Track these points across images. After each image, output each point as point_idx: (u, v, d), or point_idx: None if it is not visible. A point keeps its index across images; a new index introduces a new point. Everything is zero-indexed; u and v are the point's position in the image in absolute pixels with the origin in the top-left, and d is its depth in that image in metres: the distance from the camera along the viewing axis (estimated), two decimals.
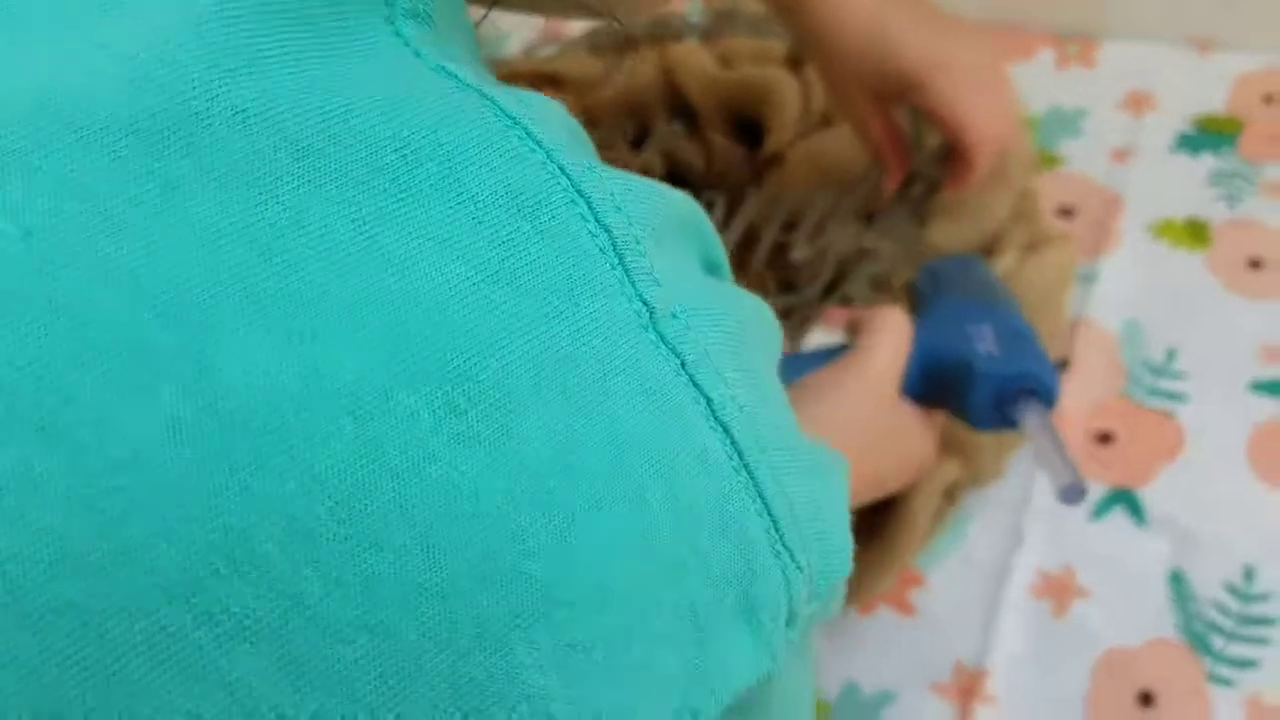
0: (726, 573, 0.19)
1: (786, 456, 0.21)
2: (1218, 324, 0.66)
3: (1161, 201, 0.71)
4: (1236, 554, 0.57)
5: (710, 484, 0.19)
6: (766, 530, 0.19)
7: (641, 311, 0.19)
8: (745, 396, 0.20)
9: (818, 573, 0.20)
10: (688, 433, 0.19)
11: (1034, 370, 0.49)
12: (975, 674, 0.56)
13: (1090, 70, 0.80)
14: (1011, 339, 0.50)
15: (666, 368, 0.19)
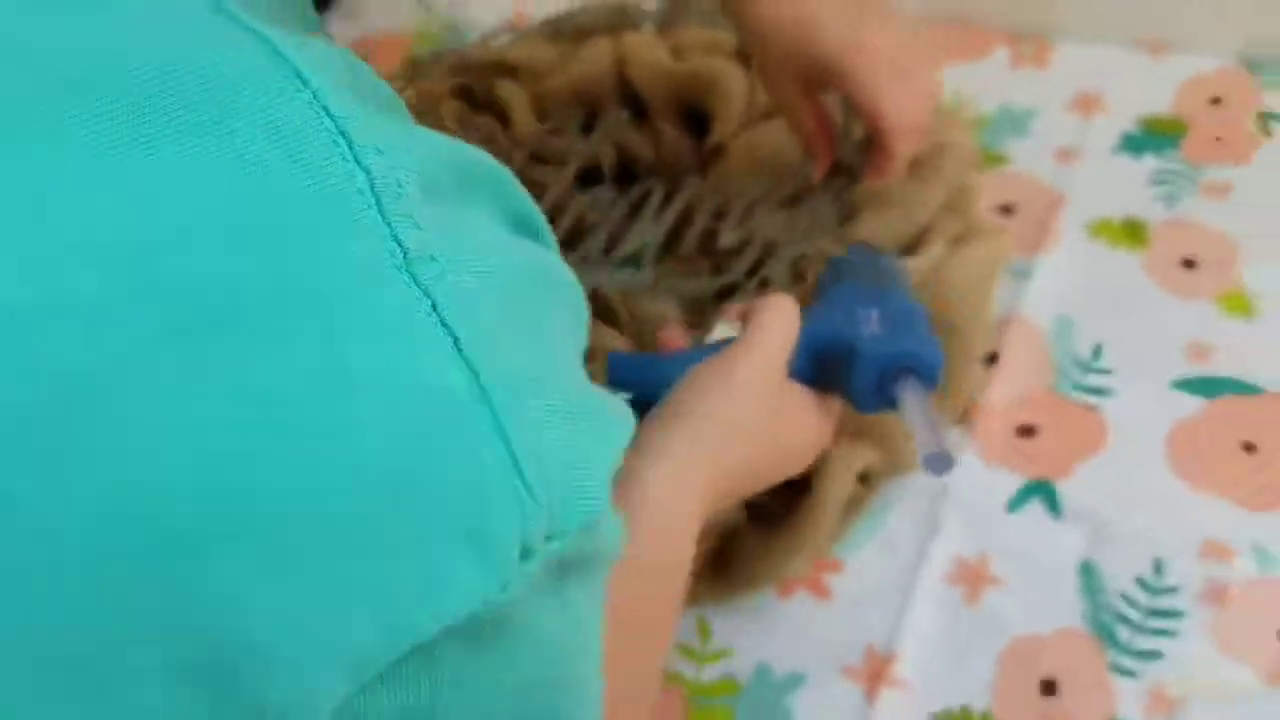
0: (453, 500, 0.20)
1: (543, 402, 0.22)
2: (1147, 322, 0.66)
3: (1101, 201, 0.72)
4: (1147, 548, 0.58)
5: (445, 418, 0.20)
6: (504, 466, 0.20)
7: (395, 251, 0.20)
8: (504, 342, 0.21)
9: (562, 513, 0.21)
10: (424, 369, 0.20)
11: (914, 349, 0.50)
12: (885, 658, 0.57)
13: (1043, 70, 0.81)
14: (897, 321, 0.51)
15: (414, 307, 0.20)
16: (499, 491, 0.20)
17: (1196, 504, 0.59)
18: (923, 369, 0.49)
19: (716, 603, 0.59)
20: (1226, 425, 0.61)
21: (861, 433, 0.58)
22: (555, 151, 0.72)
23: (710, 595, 0.59)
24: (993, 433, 0.63)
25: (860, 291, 0.53)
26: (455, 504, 0.20)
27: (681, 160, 0.72)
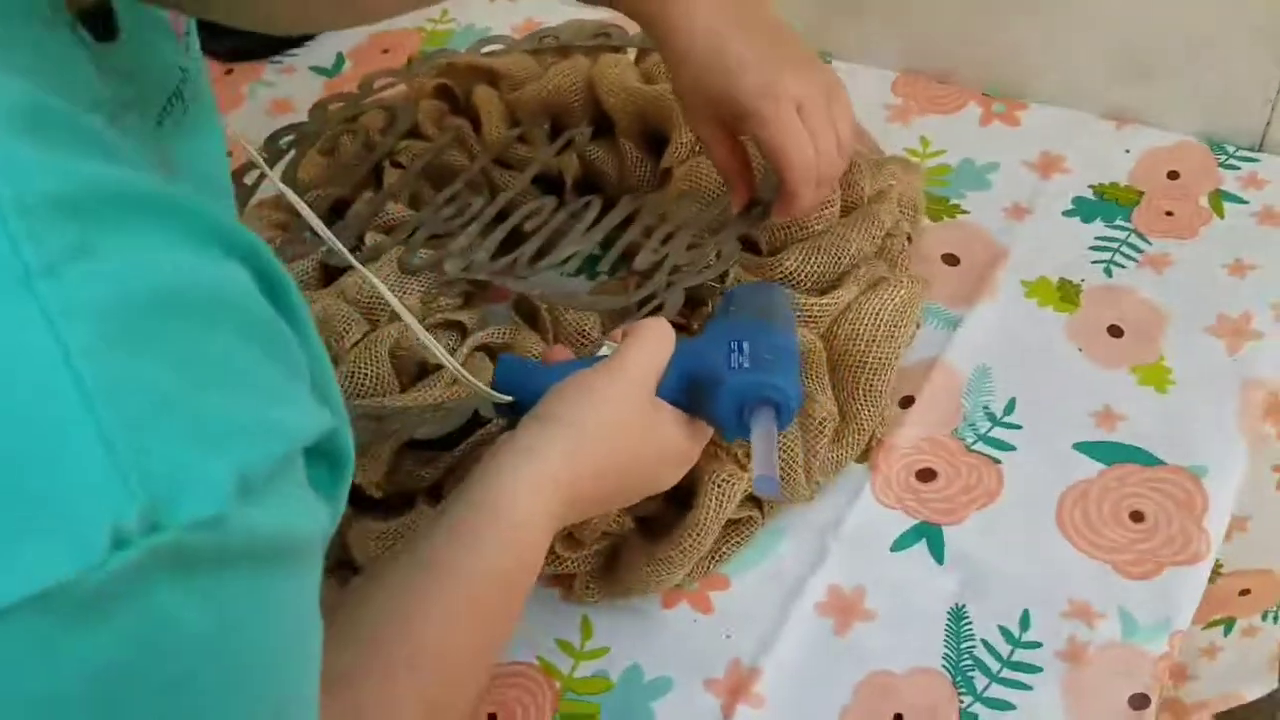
0: (29, 484, 0.21)
1: (156, 408, 0.23)
2: (1063, 383, 0.68)
3: (1041, 260, 0.74)
4: (1018, 600, 0.59)
5: (39, 417, 0.22)
6: (97, 461, 0.22)
7: (14, 264, 0.22)
8: (122, 353, 0.23)
9: (165, 509, 0.22)
10: (26, 372, 0.21)
11: (773, 383, 0.52)
12: (748, 674, 0.59)
13: (1011, 129, 0.82)
14: (765, 356, 0.53)
15: (27, 316, 0.22)
16: (87, 481, 0.22)
17: (1075, 563, 0.60)
18: (780, 403, 0.52)
19: (601, 603, 0.62)
20: (1119, 492, 0.63)
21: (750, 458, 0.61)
22: (518, 158, 0.76)
23: (597, 596, 0.61)
24: (893, 473, 0.65)
25: (742, 325, 0.56)
26: (31, 487, 0.21)
27: (641, 180, 0.75)
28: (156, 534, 0.22)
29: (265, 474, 0.25)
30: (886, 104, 0.86)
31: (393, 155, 0.76)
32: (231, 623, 0.25)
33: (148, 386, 0.23)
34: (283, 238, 0.72)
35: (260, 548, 0.26)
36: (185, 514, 0.23)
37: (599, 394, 0.51)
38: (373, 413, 0.59)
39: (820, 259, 0.65)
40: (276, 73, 1.00)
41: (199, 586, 0.24)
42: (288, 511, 0.27)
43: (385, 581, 0.46)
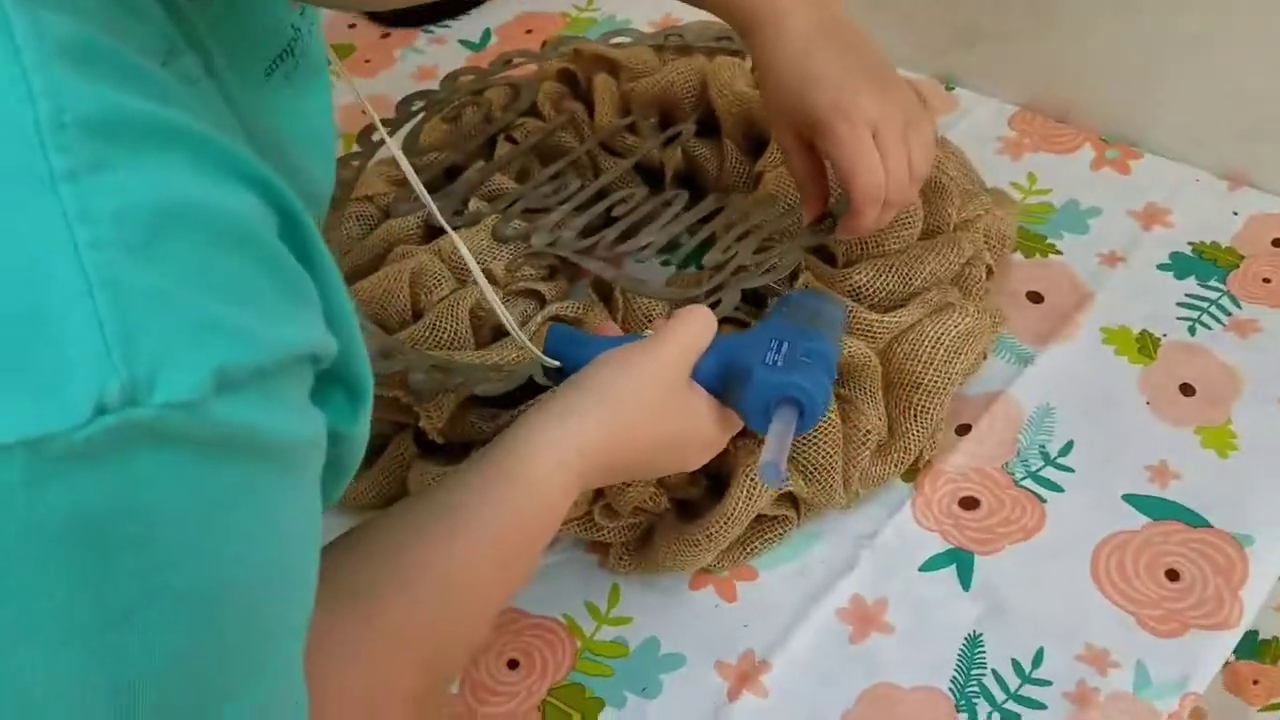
0: (16, 340, 0.24)
1: (154, 299, 0.26)
2: (1124, 434, 0.67)
3: (1126, 309, 0.73)
4: (1035, 636, 0.60)
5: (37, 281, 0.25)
6: (90, 332, 0.25)
7: (43, 167, 0.25)
8: (132, 255, 0.26)
9: (145, 387, 0.25)
10: (33, 251, 0.25)
11: (801, 383, 0.54)
12: (759, 665, 0.61)
13: (1121, 176, 0.82)
14: (801, 358, 0.55)
15: (48, 210, 0.25)
16: (78, 354, 0.25)
17: (1100, 611, 0.60)
18: (803, 404, 0.54)
19: (635, 575, 0.65)
20: (1159, 548, 0.62)
21: (794, 460, 0.62)
22: (624, 145, 0.79)
23: (629, 567, 0.64)
24: (935, 496, 0.66)
25: (787, 327, 0.58)
26: (33, 351, 0.25)
27: (739, 180, 0.78)
28: (134, 408, 0.25)
29: (247, 374, 0.28)
30: (1000, 136, 0.86)
31: (509, 130, 0.80)
32: (206, 502, 0.28)
33: (141, 282, 0.26)
34: (395, 194, 0.77)
35: (241, 440, 0.29)
36: (161, 395, 0.26)
37: (634, 369, 0.53)
38: (442, 364, 0.63)
39: (890, 278, 0.66)
40: (428, 41, 1.06)
41: (176, 462, 0.27)
42: (276, 414, 0.30)
43: (414, 513, 0.49)
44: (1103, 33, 0.81)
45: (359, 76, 1.03)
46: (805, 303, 0.62)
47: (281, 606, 0.34)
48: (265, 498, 0.31)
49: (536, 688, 0.61)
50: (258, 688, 0.34)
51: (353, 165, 0.79)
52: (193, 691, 0.31)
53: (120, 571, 0.27)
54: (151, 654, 0.29)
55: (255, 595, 0.32)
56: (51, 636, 0.27)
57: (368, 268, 0.73)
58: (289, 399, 0.31)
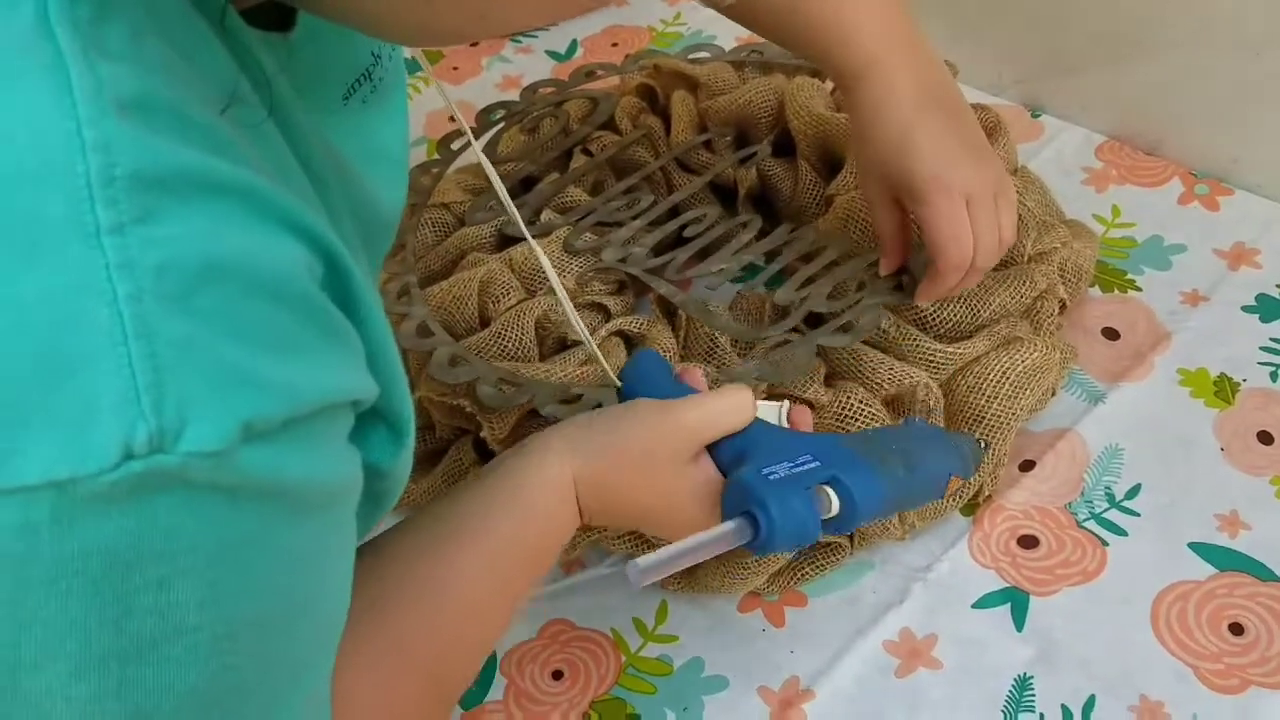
0: (49, 385, 0.25)
1: (189, 358, 0.27)
2: (1195, 480, 0.66)
3: (1206, 351, 0.71)
4: (1088, 683, 0.58)
5: (84, 340, 0.26)
6: (124, 383, 0.26)
7: (89, 220, 0.26)
8: (160, 302, 0.26)
9: (170, 439, 0.26)
10: (81, 306, 0.26)
11: (768, 504, 0.47)
12: (802, 693, 0.60)
13: (1210, 213, 0.79)
14: (796, 487, 0.49)
15: (90, 261, 0.26)
16: (110, 401, 0.26)
17: (1157, 661, 0.59)
18: (760, 529, 0.48)
19: (684, 594, 0.65)
20: (1224, 601, 0.60)
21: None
22: (699, 162, 0.79)
23: (678, 586, 0.64)
24: (994, 533, 0.65)
25: (846, 451, 0.52)
26: (67, 395, 0.26)
27: (811, 201, 0.77)
28: (161, 455, 0.26)
29: (278, 425, 0.29)
30: (1086, 166, 0.84)
31: (585, 142, 0.81)
32: (228, 545, 0.29)
33: (176, 332, 0.27)
34: (471, 202, 0.78)
35: (268, 486, 0.29)
36: (187, 444, 0.27)
37: (638, 424, 0.52)
38: (510, 378, 0.64)
39: (957, 308, 0.65)
40: (515, 51, 1.07)
41: (201, 507, 0.28)
42: (309, 460, 0.30)
43: (421, 530, 0.50)
44: (1197, 65, 0.79)
45: (447, 84, 1.04)
46: (924, 441, 0.56)
47: (306, 642, 0.35)
48: (291, 538, 0.32)
49: (579, 699, 0.62)
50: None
51: (432, 172, 0.80)
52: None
53: (140, 609, 0.28)
54: (168, 688, 0.30)
55: (276, 632, 0.33)
56: (73, 664, 0.28)
57: (440, 273, 0.75)
58: (323, 443, 0.32)
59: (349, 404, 0.33)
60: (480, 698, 0.62)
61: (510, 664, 0.63)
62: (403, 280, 0.72)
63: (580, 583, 0.67)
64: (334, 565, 0.35)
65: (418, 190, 0.79)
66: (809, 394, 0.63)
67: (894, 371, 0.63)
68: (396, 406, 0.37)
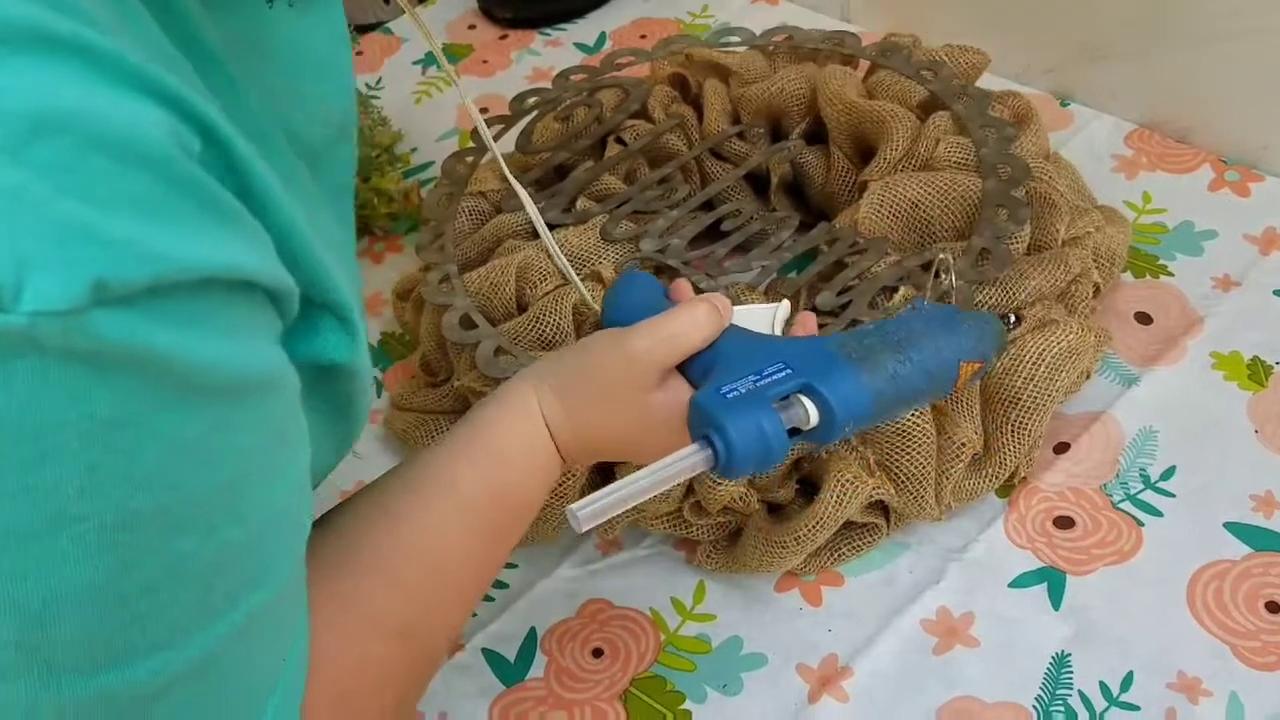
0: None
1: (24, 212, 0.25)
2: (1230, 461, 0.66)
3: (1239, 334, 0.71)
4: (1126, 660, 0.59)
5: None
6: None
7: None
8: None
9: (10, 298, 0.25)
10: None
11: (725, 426, 0.45)
12: (840, 670, 0.61)
13: (1240, 199, 0.80)
14: (759, 402, 0.46)
15: None
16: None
17: (1194, 639, 0.59)
18: (719, 452, 0.45)
19: (721, 574, 0.65)
20: (1260, 580, 0.61)
21: (887, 469, 0.63)
22: (732, 151, 0.80)
23: (716, 565, 0.65)
24: (1029, 513, 0.65)
25: (829, 351, 0.49)
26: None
27: (844, 188, 0.78)
28: (4, 314, 0.25)
29: (137, 289, 0.27)
30: (1116, 154, 0.85)
31: (619, 131, 0.82)
32: (101, 425, 0.27)
33: (6, 183, 0.26)
34: (506, 190, 0.79)
35: (140, 358, 0.28)
36: (29, 303, 0.25)
37: (597, 357, 0.51)
38: None
39: (994, 292, 0.66)
40: (544, 44, 1.09)
41: (59, 377, 0.26)
42: (191, 336, 0.29)
43: (385, 490, 0.48)
44: (1226, 52, 0.79)
45: (476, 76, 1.05)
46: (931, 326, 0.52)
47: (233, 552, 0.33)
48: (183, 426, 0.30)
49: (619, 677, 0.62)
50: (197, 636, 0.33)
51: (467, 161, 0.81)
52: (106, 631, 0.30)
53: (13, 491, 0.27)
54: (61, 583, 0.28)
55: (185, 532, 0.31)
56: None
57: (477, 260, 0.76)
58: (214, 322, 0.30)
59: (245, 284, 0.31)
60: (521, 675, 0.63)
61: (551, 642, 0.64)
62: (443, 269, 0.72)
63: (618, 563, 0.67)
64: (262, 467, 0.33)
65: (454, 179, 0.80)
66: None
67: None
68: (337, 297, 0.35)
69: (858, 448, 0.63)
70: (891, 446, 0.62)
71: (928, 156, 0.73)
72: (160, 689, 0.32)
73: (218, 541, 0.32)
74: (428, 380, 0.74)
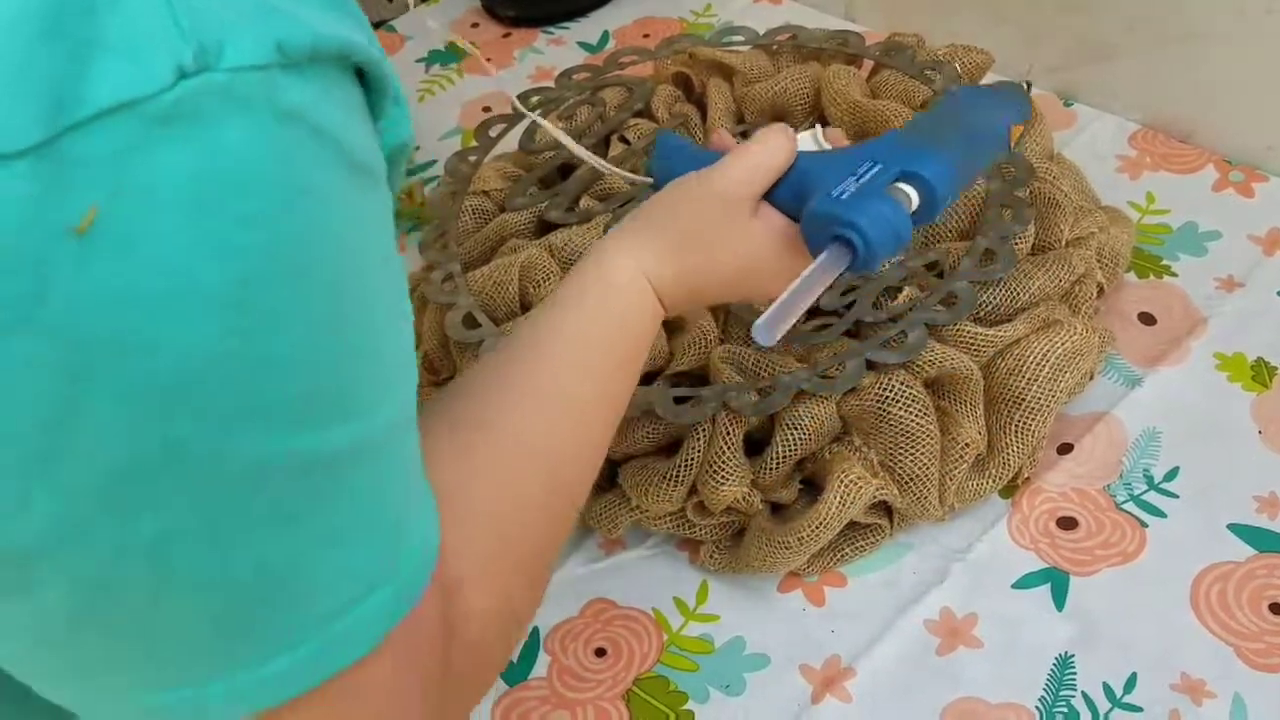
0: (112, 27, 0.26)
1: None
2: (1234, 462, 0.66)
3: (1242, 336, 0.71)
4: (1129, 662, 0.59)
5: None
6: (160, 12, 0.27)
7: None
8: None
9: (214, 56, 0.27)
10: None
11: (853, 221, 0.48)
12: (843, 671, 0.61)
13: (1244, 200, 0.80)
14: (881, 188, 0.50)
15: None
16: (152, 28, 0.27)
17: (1198, 640, 0.59)
18: (857, 245, 0.48)
19: (723, 574, 0.65)
20: (1264, 581, 0.61)
21: (890, 469, 0.63)
22: None
23: (719, 565, 0.65)
24: (1033, 514, 0.65)
25: (899, 146, 0.52)
26: (112, 25, 0.26)
27: None
28: (209, 73, 0.27)
29: (304, 54, 0.29)
30: (1119, 154, 0.85)
31: (622, 130, 0.82)
32: (296, 189, 0.29)
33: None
34: (510, 189, 0.79)
35: (314, 123, 0.30)
36: (230, 60, 0.28)
37: (692, 201, 0.52)
38: None
39: (998, 292, 0.66)
40: (547, 43, 1.08)
41: (262, 129, 0.28)
42: (335, 111, 0.31)
43: (508, 349, 0.49)
44: (1230, 53, 0.79)
45: (479, 75, 1.05)
46: (973, 103, 0.56)
47: (377, 336, 0.34)
48: (344, 197, 0.31)
49: (622, 677, 0.62)
50: (354, 423, 0.33)
51: (470, 160, 0.81)
52: (315, 382, 0.31)
53: (237, 247, 0.28)
54: (277, 335, 0.29)
55: (349, 305, 0.32)
56: (186, 302, 0.28)
57: (480, 259, 0.76)
58: (342, 100, 0.32)
59: (351, 63, 0.33)
60: (524, 674, 0.63)
61: (554, 641, 0.64)
62: (447, 268, 0.72)
63: (621, 563, 0.67)
64: (381, 247, 0.34)
65: (457, 178, 0.80)
66: None
67: (935, 354, 0.63)
68: (389, 71, 0.36)
69: (860, 448, 0.63)
70: (895, 447, 0.62)
71: None
72: (327, 459, 0.32)
73: (373, 327, 0.33)
74: (431, 379, 0.74)
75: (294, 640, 0.33)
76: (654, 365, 0.67)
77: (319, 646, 0.33)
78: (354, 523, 0.34)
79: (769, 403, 0.62)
